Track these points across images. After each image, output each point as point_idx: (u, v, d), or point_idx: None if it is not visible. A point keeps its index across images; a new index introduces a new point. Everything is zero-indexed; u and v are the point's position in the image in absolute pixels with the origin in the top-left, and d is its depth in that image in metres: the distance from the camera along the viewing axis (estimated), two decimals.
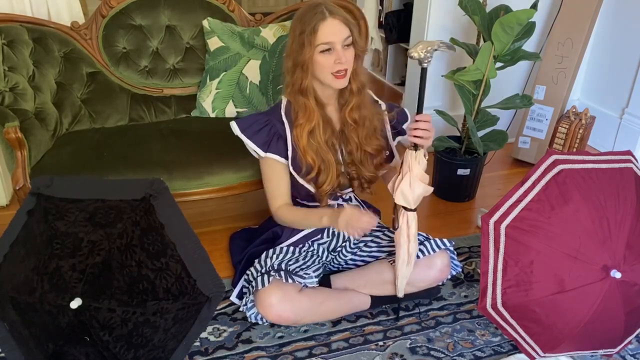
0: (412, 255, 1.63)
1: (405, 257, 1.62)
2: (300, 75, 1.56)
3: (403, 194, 1.55)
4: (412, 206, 1.57)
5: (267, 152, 1.64)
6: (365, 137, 1.67)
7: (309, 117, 1.59)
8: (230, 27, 2.23)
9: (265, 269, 1.63)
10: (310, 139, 1.61)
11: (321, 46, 1.50)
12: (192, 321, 1.37)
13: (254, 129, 1.64)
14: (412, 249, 1.62)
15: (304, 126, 1.60)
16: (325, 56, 1.52)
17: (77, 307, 1.37)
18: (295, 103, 1.61)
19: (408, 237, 1.60)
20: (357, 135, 1.66)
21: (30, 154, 1.82)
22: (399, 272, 1.65)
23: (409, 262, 1.63)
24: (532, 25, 2.19)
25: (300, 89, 1.58)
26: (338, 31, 1.51)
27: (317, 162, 1.62)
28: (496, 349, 1.67)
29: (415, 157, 1.53)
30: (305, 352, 1.63)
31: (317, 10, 1.51)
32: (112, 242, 1.42)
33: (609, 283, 1.45)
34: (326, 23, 1.50)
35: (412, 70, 2.83)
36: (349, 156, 1.70)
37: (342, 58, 1.51)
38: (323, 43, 1.50)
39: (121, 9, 2.20)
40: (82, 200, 1.46)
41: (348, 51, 1.53)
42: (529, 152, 2.79)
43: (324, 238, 1.81)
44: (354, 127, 1.65)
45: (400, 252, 1.62)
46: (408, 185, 1.54)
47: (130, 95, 2.24)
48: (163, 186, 1.47)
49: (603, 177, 1.56)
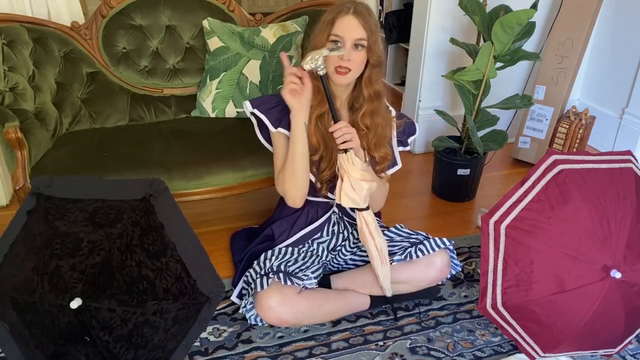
0: (383, 250, 1.64)
1: (376, 255, 1.63)
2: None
3: (348, 196, 1.56)
4: (362, 205, 1.58)
5: (278, 127, 1.64)
6: (375, 143, 1.66)
7: (321, 100, 1.60)
8: (230, 27, 2.23)
9: (264, 270, 1.63)
10: (318, 122, 1.62)
11: (332, 37, 1.52)
12: (192, 321, 1.37)
13: (267, 106, 1.65)
14: (379, 244, 1.63)
15: (314, 108, 1.60)
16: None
17: (77, 307, 1.37)
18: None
19: (370, 234, 1.62)
20: (366, 141, 1.66)
21: (30, 154, 1.82)
22: (377, 271, 1.66)
23: (382, 259, 1.64)
24: (532, 25, 2.19)
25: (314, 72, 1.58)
26: (353, 29, 1.51)
27: (321, 146, 1.63)
28: (496, 349, 1.66)
29: (347, 160, 1.54)
30: (305, 352, 1.63)
31: (346, 5, 1.53)
32: (112, 242, 1.42)
33: (609, 283, 1.45)
34: (345, 18, 1.51)
35: (412, 70, 2.83)
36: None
37: (346, 55, 1.51)
38: (334, 34, 1.52)
39: (121, 9, 2.20)
40: (82, 200, 1.46)
41: (357, 52, 1.53)
42: (529, 152, 2.79)
43: (323, 237, 1.81)
44: (364, 132, 1.65)
45: (370, 250, 1.63)
46: (350, 188, 1.55)
47: (130, 95, 2.24)
48: (163, 186, 1.46)
49: (603, 177, 1.56)
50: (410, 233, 1.81)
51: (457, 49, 2.50)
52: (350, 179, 1.55)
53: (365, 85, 1.60)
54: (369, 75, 1.59)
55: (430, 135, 2.76)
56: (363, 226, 1.62)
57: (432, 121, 2.78)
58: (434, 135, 2.54)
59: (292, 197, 1.66)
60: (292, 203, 1.68)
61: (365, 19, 1.52)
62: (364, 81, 1.60)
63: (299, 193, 1.65)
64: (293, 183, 1.63)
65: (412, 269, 1.70)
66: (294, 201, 1.68)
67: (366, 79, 1.59)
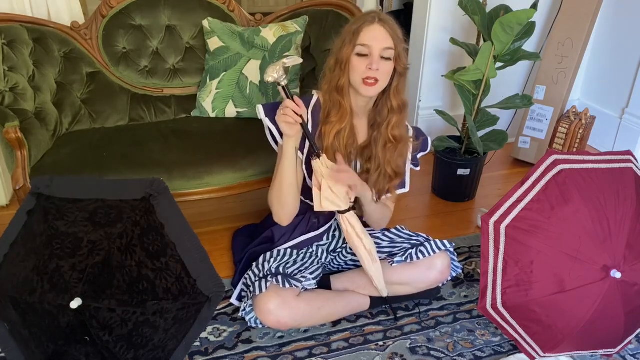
0: (372, 250, 1.63)
1: (366, 256, 1.62)
2: (338, 73, 1.54)
3: (329, 200, 1.55)
4: (343, 207, 1.57)
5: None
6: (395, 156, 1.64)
7: (341, 117, 1.57)
8: (230, 27, 2.23)
9: (263, 273, 1.63)
10: (335, 139, 1.59)
11: (358, 47, 1.49)
12: (192, 321, 1.37)
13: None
14: (368, 244, 1.62)
15: (334, 124, 1.58)
16: (360, 59, 1.50)
17: (77, 307, 1.37)
18: (330, 101, 1.59)
19: (358, 236, 1.61)
20: (386, 153, 1.63)
21: (30, 154, 1.82)
22: (370, 272, 1.65)
23: (372, 258, 1.63)
24: (532, 25, 2.19)
25: (337, 86, 1.56)
26: (380, 38, 1.49)
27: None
28: (496, 349, 1.67)
29: (322, 164, 1.53)
30: (305, 352, 1.63)
31: (370, 15, 1.51)
32: (112, 242, 1.42)
33: (609, 283, 1.45)
34: (371, 27, 1.49)
35: (412, 70, 2.82)
36: (364, 174, 1.66)
37: (374, 65, 1.48)
38: (361, 44, 1.49)
39: (121, 9, 2.20)
40: (82, 200, 1.46)
41: (385, 63, 1.50)
42: (529, 152, 2.79)
43: (323, 240, 1.80)
44: (392, 144, 1.62)
45: (360, 253, 1.62)
46: (330, 191, 1.54)
47: (130, 95, 2.24)
48: (163, 186, 1.46)
49: (603, 177, 1.56)
50: (411, 235, 1.80)
51: (457, 49, 2.50)
52: (328, 182, 1.53)
53: (393, 95, 1.58)
54: (396, 85, 1.56)
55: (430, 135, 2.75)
56: (349, 229, 1.61)
57: (432, 121, 2.77)
58: (434, 135, 2.54)
59: (277, 215, 1.66)
60: (277, 220, 1.67)
61: (392, 28, 1.50)
62: (392, 91, 1.57)
63: (284, 212, 1.64)
64: (279, 201, 1.62)
65: (413, 271, 1.70)
66: (279, 219, 1.66)
67: (394, 89, 1.57)
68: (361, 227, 1.62)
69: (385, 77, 1.52)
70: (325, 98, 1.61)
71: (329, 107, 1.59)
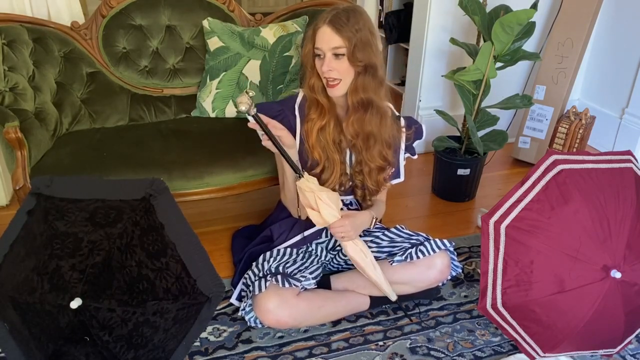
0: (368, 255, 1.64)
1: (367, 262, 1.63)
2: (309, 73, 1.59)
3: (330, 214, 1.57)
4: (338, 215, 1.59)
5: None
6: (367, 154, 1.65)
7: (320, 113, 1.61)
8: (230, 27, 2.23)
9: (262, 272, 1.63)
10: (319, 135, 1.62)
11: (315, 49, 1.53)
12: (192, 321, 1.37)
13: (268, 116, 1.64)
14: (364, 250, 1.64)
15: (315, 122, 1.61)
16: (318, 61, 1.54)
17: (77, 307, 1.37)
18: (308, 98, 1.64)
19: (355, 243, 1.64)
20: (357, 151, 1.66)
21: (30, 154, 1.82)
22: (373, 278, 1.65)
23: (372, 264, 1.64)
24: (532, 25, 2.19)
25: (309, 86, 1.60)
26: (328, 39, 1.50)
27: (322, 158, 1.64)
28: (496, 349, 1.67)
29: (307, 180, 1.55)
30: (305, 352, 1.63)
31: (324, 16, 1.52)
32: (112, 242, 1.42)
33: (609, 283, 1.45)
34: (321, 29, 1.51)
35: (412, 70, 2.83)
36: (357, 165, 1.70)
37: (324, 66, 1.51)
38: (315, 47, 1.53)
39: (121, 9, 2.20)
40: (82, 200, 1.46)
41: (339, 62, 1.51)
42: (529, 152, 2.79)
43: (322, 237, 1.81)
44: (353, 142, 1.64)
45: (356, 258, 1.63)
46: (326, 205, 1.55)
47: (130, 95, 2.24)
48: (163, 186, 1.46)
49: (603, 177, 1.56)
50: (410, 234, 1.80)
51: (457, 49, 2.50)
52: (321, 197, 1.55)
53: (350, 94, 1.57)
54: (354, 83, 1.55)
55: (430, 135, 2.76)
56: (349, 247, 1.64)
57: (432, 121, 2.77)
58: (434, 135, 2.54)
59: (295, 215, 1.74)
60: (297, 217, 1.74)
61: (340, 27, 1.48)
62: (349, 90, 1.57)
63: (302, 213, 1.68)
64: (293, 204, 1.70)
65: (413, 270, 1.70)
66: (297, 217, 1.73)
67: (353, 87, 1.56)
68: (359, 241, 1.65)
69: (346, 74, 1.53)
70: (307, 95, 1.65)
71: (308, 104, 1.63)
